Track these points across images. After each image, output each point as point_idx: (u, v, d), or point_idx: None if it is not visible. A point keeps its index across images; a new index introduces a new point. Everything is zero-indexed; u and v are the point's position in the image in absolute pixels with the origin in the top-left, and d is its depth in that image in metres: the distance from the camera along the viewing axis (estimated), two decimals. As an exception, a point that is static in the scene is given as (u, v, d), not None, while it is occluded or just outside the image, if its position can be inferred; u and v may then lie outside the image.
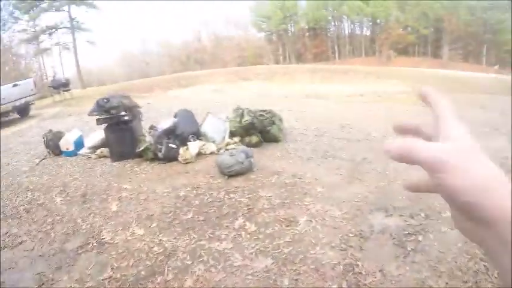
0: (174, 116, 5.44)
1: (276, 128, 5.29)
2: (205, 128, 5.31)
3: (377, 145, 4.86)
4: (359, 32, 45.91)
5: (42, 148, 5.71)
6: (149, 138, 4.95)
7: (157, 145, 4.72)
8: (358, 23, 45.07)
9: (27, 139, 7.22)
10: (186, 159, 4.58)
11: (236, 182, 3.80)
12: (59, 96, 14.74)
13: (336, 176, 3.91)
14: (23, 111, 11.18)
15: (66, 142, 5.44)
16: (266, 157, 4.60)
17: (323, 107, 8.86)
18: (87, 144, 5.51)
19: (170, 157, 4.66)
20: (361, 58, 39.29)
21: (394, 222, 2.97)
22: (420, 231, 2.81)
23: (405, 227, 2.88)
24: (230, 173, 3.92)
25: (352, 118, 6.94)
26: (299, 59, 42.90)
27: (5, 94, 9.88)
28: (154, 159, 4.72)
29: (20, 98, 10.56)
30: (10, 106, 10.20)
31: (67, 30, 33.00)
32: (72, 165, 4.97)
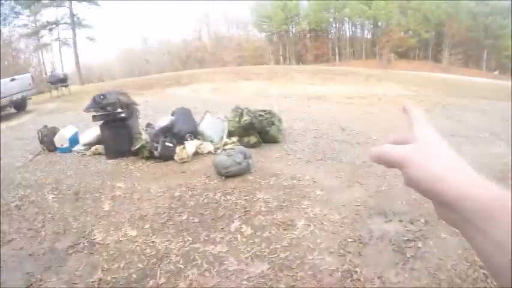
0: (172, 114, 5.36)
1: (275, 129, 5.21)
2: (203, 127, 5.22)
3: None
4: (360, 35, 46.01)
5: (36, 144, 5.62)
6: (145, 136, 4.87)
7: (153, 143, 4.63)
8: (359, 26, 45.16)
9: (22, 134, 7.11)
10: (183, 158, 4.50)
11: (233, 183, 3.72)
12: (57, 91, 14.62)
13: (335, 179, 3.84)
14: (20, 106, 11.11)
15: (61, 138, 5.35)
16: (264, 158, 4.53)
17: (323, 109, 8.78)
18: (82, 140, 5.42)
19: (166, 156, 4.57)
20: (361, 60, 39.27)
21: (394, 227, 2.93)
22: (420, 237, 2.78)
23: (405, 233, 2.85)
24: (227, 174, 3.84)
25: (352, 120, 6.88)
26: (299, 60, 42.92)
27: (2, 88, 9.80)
28: (150, 157, 4.63)
29: (17, 93, 10.47)
30: (7, 100, 10.12)
31: (67, 26, 32.97)
32: (66, 162, 4.88)
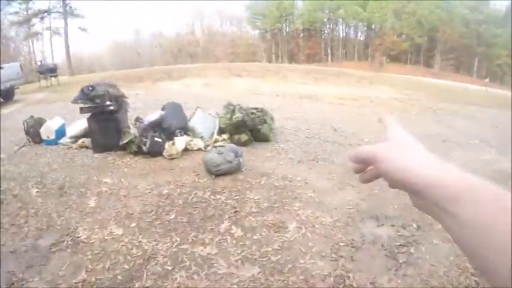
0: (162, 109, 5.25)
1: (267, 127, 5.14)
2: (193, 123, 5.12)
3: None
4: (353, 36, 46.23)
5: (22, 135, 5.43)
6: (134, 130, 4.74)
7: (142, 138, 4.51)
8: (353, 27, 45.35)
9: (8, 124, 6.88)
10: (172, 154, 4.39)
11: (223, 182, 3.63)
12: (46, 81, 14.31)
13: (327, 181, 3.79)
14: (7, 95, 10.79)
15: (47, 130, 5.18)
16: (255, 157, 4.45)
17: (315, 108, 8.75)
18: (69, 133, 5.26)
19: (155, 151, 4.46)
20: (353, 62, 39.43)
21: (386, 232, 2.90)
22: (412, 242, 2.77)
23: (397, 238, 2.83)
24: (217, 172, 3.75)
25: (344, 121, 6.85)
26: (292, 59, 42.94)
27: None
28: (138, 152, 4.50)
29: (5, 82, 10.18)
30: None
31: (59, 15, 32.31)
32: (51, 154, 4.72)
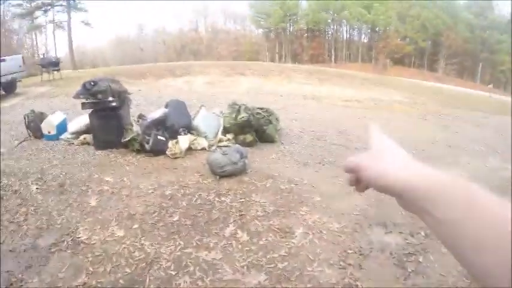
0: (166, 106, 5.16)
1: (273, 128, 5.05)
2: (197, 122, 5.02)
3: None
4: (357, 38, 46.14)
5: (23, 129, 5.34)
6: (137, 127, 4.65)
7: (144, 136, 4.41)
8: (357, 29, 45.25)
9: (9, 118, 6.79)
10: (175, 153, 4.31)
11: (228, 184, 3.54)
12: (48, 75, 14.20)
13: (334, 185, 3.70)
14: (9, 88, 10.69)
15: (48, 125, 5.10)
16: (260, 158, 4.37)
17: (320, 110, 8.68)
18: (70, 128, 5.17)
19: (158, 150, 4.37)
20: (357, 64, 39.35)
21: (394, 239, 2.83)
22: (420, 251, 2.69)
23: (405, 246, 2.75)
24: (222, 174, 3.66)
25: (349, 124, 6.76)
26: (295, 59, 42.84)
27: None
28: (140, 151, 4.40)
29: (6, 74, 10.09)
30: None
31: (63, 8, 32.25)
32: (52, 150, 4.63)
